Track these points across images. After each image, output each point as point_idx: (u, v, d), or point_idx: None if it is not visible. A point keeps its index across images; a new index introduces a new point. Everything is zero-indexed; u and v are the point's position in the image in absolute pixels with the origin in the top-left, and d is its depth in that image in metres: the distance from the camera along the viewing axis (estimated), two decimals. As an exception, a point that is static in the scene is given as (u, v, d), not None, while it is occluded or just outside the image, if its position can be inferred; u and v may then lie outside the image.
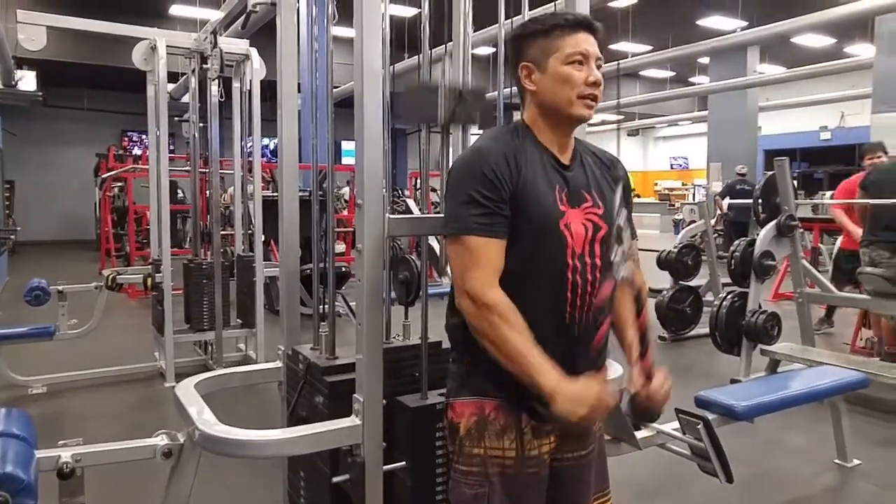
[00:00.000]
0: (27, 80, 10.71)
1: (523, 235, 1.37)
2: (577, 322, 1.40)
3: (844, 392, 3.18)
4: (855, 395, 3.66)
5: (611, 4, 6.74)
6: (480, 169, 1.36)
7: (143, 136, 15.92)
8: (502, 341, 1.30)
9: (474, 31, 2.08)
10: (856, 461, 3.35)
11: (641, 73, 17.95)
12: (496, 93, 2.09)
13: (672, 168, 26.11)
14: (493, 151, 1.39)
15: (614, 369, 1.80)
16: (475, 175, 1.36)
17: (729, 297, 4.26)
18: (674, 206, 18.54)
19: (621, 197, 1.48)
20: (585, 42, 1.40)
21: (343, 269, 5.32)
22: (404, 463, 1.70)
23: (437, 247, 2.11)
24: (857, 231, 4.89)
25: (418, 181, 12.27)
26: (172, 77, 4.96)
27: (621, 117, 21.15)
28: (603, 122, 20.35)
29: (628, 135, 25.15)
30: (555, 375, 1.28)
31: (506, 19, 2.10)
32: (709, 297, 5.95)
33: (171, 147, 5.38)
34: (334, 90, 2.22)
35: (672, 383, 1.44)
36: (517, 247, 1.37)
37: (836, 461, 3.36)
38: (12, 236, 10.10)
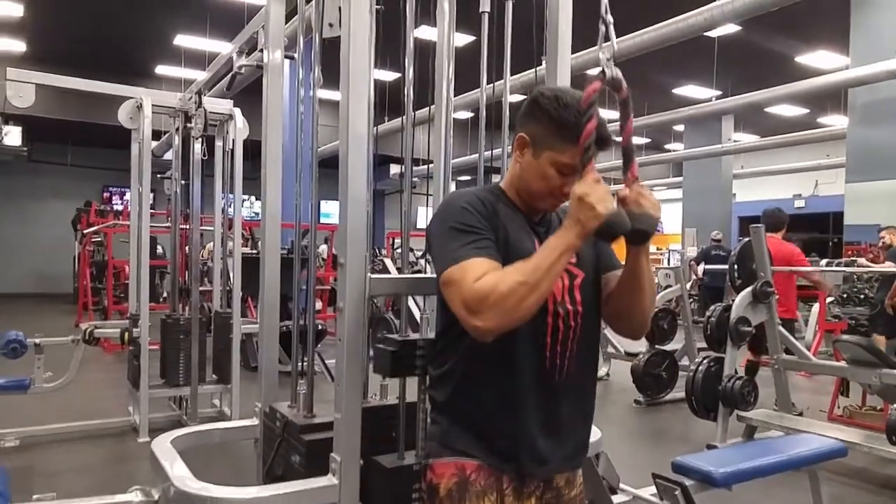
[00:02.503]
0: (12, 136, 10.81)
1: None
2: (558, 366, 1.41)
3: (824, 460, 3.17)
4: (835, 463, 3.66)
5: (588, 72, 6.99)
6: (459, 206, 1.38)
7: (125, 190, 15.96)
8: (519, 284, 1.24)
9: (456, 96, 2.15)
10: (834, 530, 3.33)
11: (617, 139, 18.38)
12: (476, 156, 2.16)
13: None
14: (467, 195, 1.42)
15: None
16: (455, 211, 1.38)
17: (705, 362, 4.30)
18: (650, 270, 18.70)
19: (592, 246, 1.48)
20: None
21: (320, 327, 5.30)
22: (380, 524, 1.69)
23: (415, 309, 2.13)
24: None
25: (395, 241, 12.36)
26: (156, 134, 5.02)
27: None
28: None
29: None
30: (569, 227, 1.28)
31: (487, 83, 2.18)
32: (684, 361, 5.98)
33: (152, 203, 5.39)
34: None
35: (647, 448, 1.44)
36: None
37: (815, 530, 3.34)
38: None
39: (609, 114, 2.53)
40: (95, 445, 4.53)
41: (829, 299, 8.26)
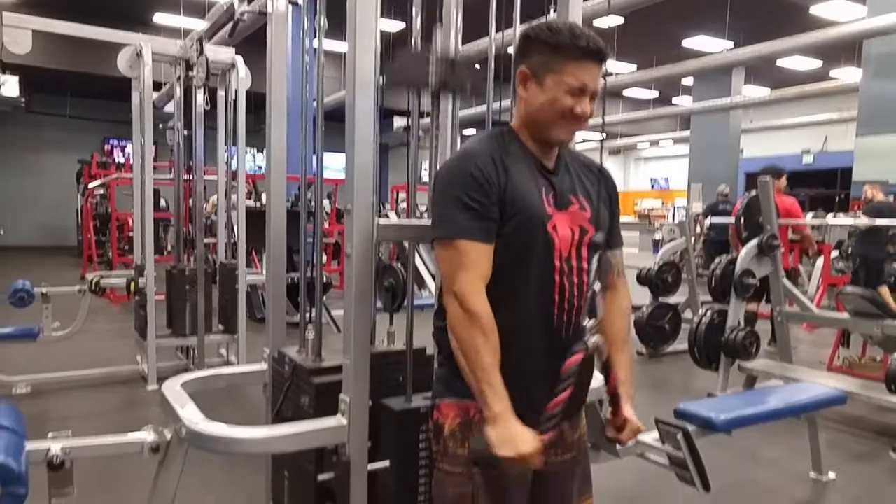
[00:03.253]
0: (9, 86, 10.68)
1: (511, 236, 1.38)
2: (566, 323, 1.42)
3: (822, 408, 3.23)
4: (833, 411, 3.73)
5: (596, 23, 6.84)
6: (468, 171, 1.37)
7: (126, 143, 15.88)
8: (475, 352, 1.31)
9: (463, 45, 2.11)
10: (831, 475, 3.41)
11: (625, 92, 18.17)
12: (483, 108, 2.13)
13: (653, 188, 26.38)
14: (479, 153, 1.40)
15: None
16: (462, 178, 1.37)
17: (709, 313, 4.32)
18: (653, 225, 18.73)
19: (608, 206, 1.51)
20: (588, 74, 1.38)
21: (325, 280, 5.33)
22: (388, 463, 1.72)
23: (420, 264, 2.13)
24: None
25: (399, 194, 12.32)
26: (156, 86, 4.96)
27: (604, 136, 21.35)
28: (585, 141, 20.54)
29: (609, 154, 25.41)
30: (505, 405, 1.29)
31: (496, 32, 2.14)
32: (687, 314, 6.02)
33: (154, 155, 5.37)
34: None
35: (649, 397, 1.47)
36: (505, 247, 1.38)
37: (812, 475, 3.42)
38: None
39: (617, 66, 2.48)
40: (105, 392, 4.61)
41: (833, 253, 8.27)
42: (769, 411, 2.96)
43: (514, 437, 1.26)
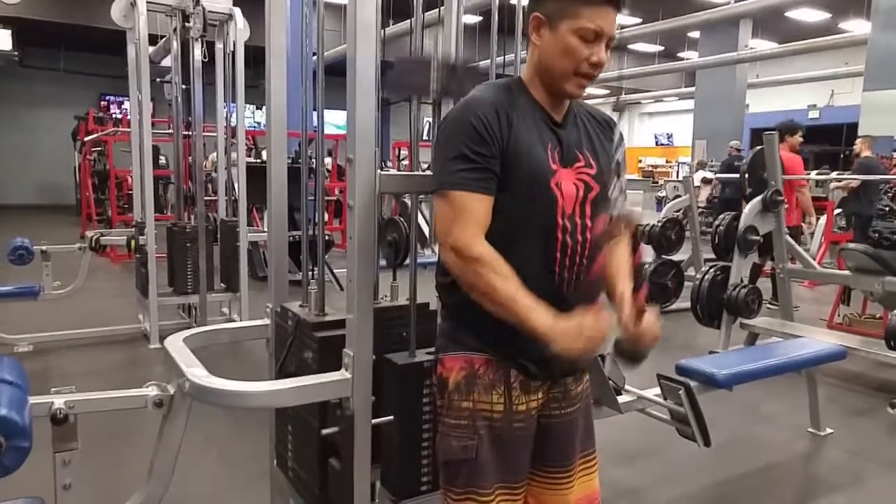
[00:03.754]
0: (2, 39, 10.43)
1: (513, 192, 1.35)
2: (567, 282, 1.40)
3: (822, 363, 3.25)
4: (833, 368, 3.75)
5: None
6: (470, 122, 1.33)
7: (123, 99, 15.67)
8: (492, 290, 1.29)
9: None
10: (828, 430, 3.45)
11: (630, 46, 17.88)
12: (488, 61, 2.08)
13: (657, 145, 26.16)
14: (483, 104, 1.37)
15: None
16: (464, 128, 1.34)
17: (711, 270, 4.31)
18: (657, 183, 18.63)
19: (616, 158, 1.49)
20: (604, 18, 1.33)
21: (327, 238, 5.31)
22: (392, 417, 1.73)
23: (423, 222, 2.10)
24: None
25: (401, 151, 12.21)
26: (152, 39, 4.87)
27: (608, 91, 21.12)
28: (589, 97, 20.31)
29: (613, 110, 25.15)
30: (547, 316, 1.27)
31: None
32: (690, 271, 6.01)
33: (152, 110, 5.30)
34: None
35: (652, 354, 1.43)
36: (506, 203, 1.35)
37: (810, 429, 3.46)
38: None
39: (621, 19, 2.41)
40: (108, 351, 4.62)
41: (836, 211, 8.23)
42: (770, 367, 2.97)
43: (575, 332, 1.25)
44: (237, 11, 4.76)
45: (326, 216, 10.23)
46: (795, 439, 3.43)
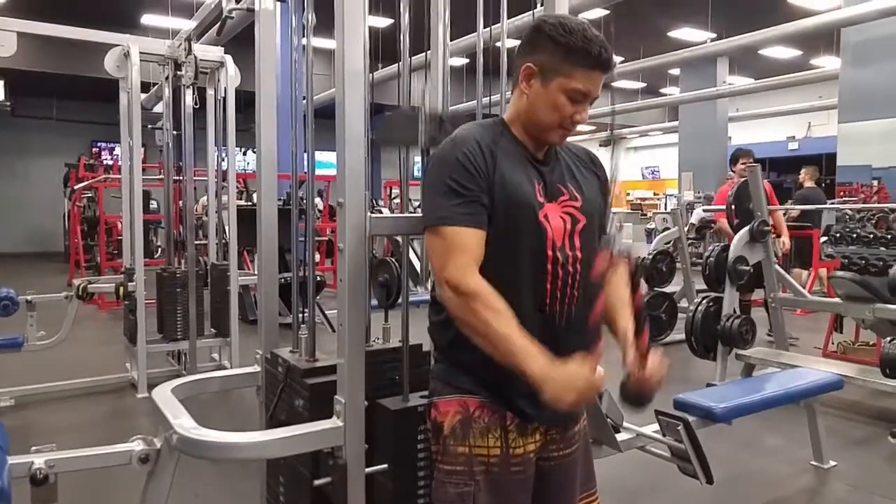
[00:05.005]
0: (-5, 90, 10.53)
1: (502, 226, 1.36)
2: (559, 315, 1.39)
3: (820, 393, 3.22)
4: (831, 397, 3.71)
5: (583, 15, 6.81)
6: (456, 157, 1.35)
7: (114, 146, 15.71)
8: (485, 327, 1.27)
9: (452, 41, 2.08)
10: (832, 462, 3.39)
11: (614, 84, 18.20)
12: (474, 102, 2.10)
13: (644, 178, 26.41)
14: (468, 141, 1.38)
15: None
16: (451, 164, 1.35)
17: (704, 302, 4.30)
18: (646, 215, 18.74)
19: (600, 191, 1.50)
20: (593, 82, 1.37)
21: (318, 279, 5.28)
22: (386, 466, 1.68)
23: (414, 259, 2.10)
24: None
25: (392, 190, 12.27)
26: (145, 87, 4.91)
27: (594, 127, 21.41)
28: (576, 133, 20.54)
29: (600, 145, 25.43)
30: (542, 360, 1.24)
31: (484, 27, 2.11)
32: (683, 303, 6.01)
33: (143, 156, 5.31)
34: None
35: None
36: (496, 238, 1.35)
37: (813, 462, 3.40)
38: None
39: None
40: (94, 402, 4.52)
41: (822, 239, 8.28)
42: (768, 399, 2.95)
43: (567, 381, 1.23)
44: (228, 59, 4.81)
45: (318, 256, 10.15)
46: (799, 473, 3.37)
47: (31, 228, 16.73)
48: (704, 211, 8.94)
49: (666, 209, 15.27)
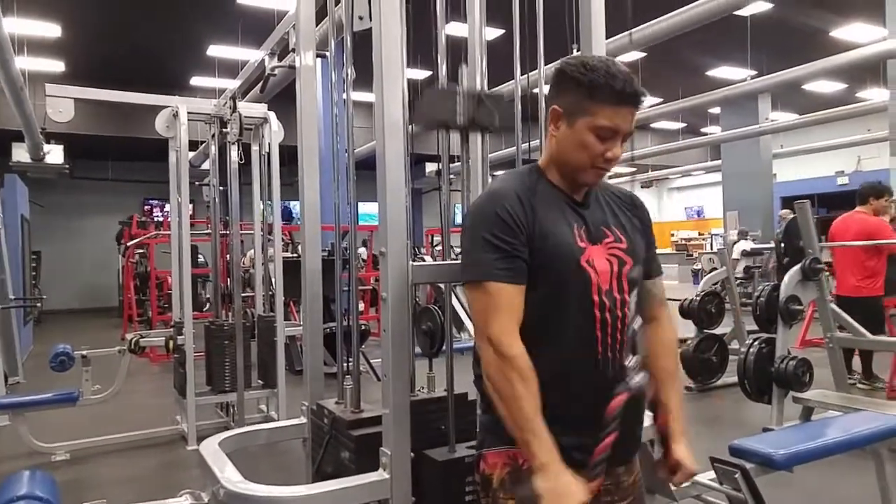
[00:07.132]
0: (54, 154, 11.03)
1: (545, 275, 1.34)
2: (611, 360, 1.36)
3: (887, 438, 3.06)
4: (898, 441, 3.52)
5: (619, 58, 6.86)
6: (495, 212, 1.34)
7: (164, 203, 16.23)
8: (514, 399, 1.27)
9: (489, 89, 2.11)
10: (904, 513, 3.20)
11: (653, 125, 18.16)
12: (513, 149, 2.12)
13: (688, 218, 26.06)
14: (506, 193, 1.38)
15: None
16: (490, 218, 1.35)
17: (756, 343, 4.18)
18: (691, 255, 18.41)
19: (644, 236, 1.48)
20: (621, 117, 1.34)
21: (363, 327, 5.31)
22: (434, 518, 1.65)
23: (458, 305, 2.09)
24: None
25: (434, 238, 12.36)
26: (193, 145, 5.10)
27: (634, 169, 21.30)
28: (617, 175, 20.45)
29: (642, 186, 25.25)
30: (552, 455, 1.24)
31: (521, 75, 2.14)
32: (734, 345, 5.84)
33: (192, 212, 5.48)
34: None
35: (702, 434, 1.40)
36: (540, 288, 1.34)
37: (884, 513, 3.21)
38: (38, 305, 10.25)
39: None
40: (145, 455, 4.58)
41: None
42: (831, 445, 2.80)
43: (562, 490, 1.21)
44: (272, 115, 4.97)
45: (362, 305, 10.21)
46: (870, 526, 3.18)
47: (87, 285, 17.29)
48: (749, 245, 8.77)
49: (712, 249, 14.97)
